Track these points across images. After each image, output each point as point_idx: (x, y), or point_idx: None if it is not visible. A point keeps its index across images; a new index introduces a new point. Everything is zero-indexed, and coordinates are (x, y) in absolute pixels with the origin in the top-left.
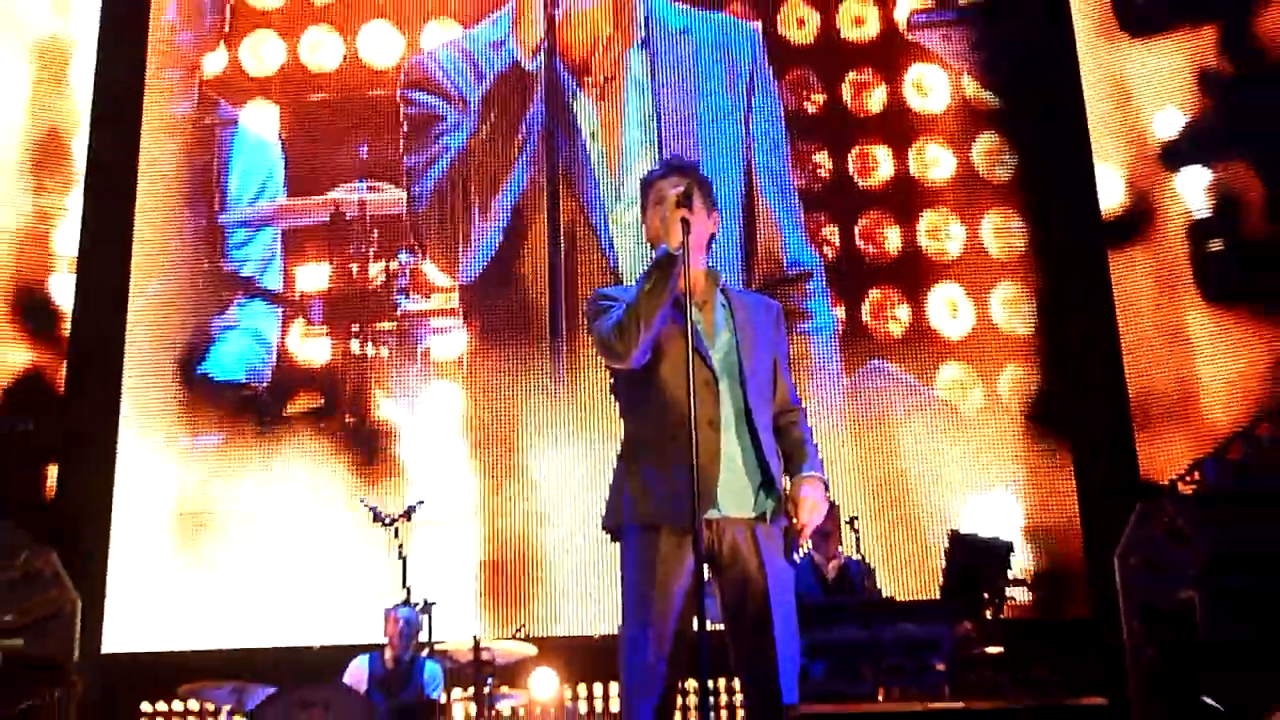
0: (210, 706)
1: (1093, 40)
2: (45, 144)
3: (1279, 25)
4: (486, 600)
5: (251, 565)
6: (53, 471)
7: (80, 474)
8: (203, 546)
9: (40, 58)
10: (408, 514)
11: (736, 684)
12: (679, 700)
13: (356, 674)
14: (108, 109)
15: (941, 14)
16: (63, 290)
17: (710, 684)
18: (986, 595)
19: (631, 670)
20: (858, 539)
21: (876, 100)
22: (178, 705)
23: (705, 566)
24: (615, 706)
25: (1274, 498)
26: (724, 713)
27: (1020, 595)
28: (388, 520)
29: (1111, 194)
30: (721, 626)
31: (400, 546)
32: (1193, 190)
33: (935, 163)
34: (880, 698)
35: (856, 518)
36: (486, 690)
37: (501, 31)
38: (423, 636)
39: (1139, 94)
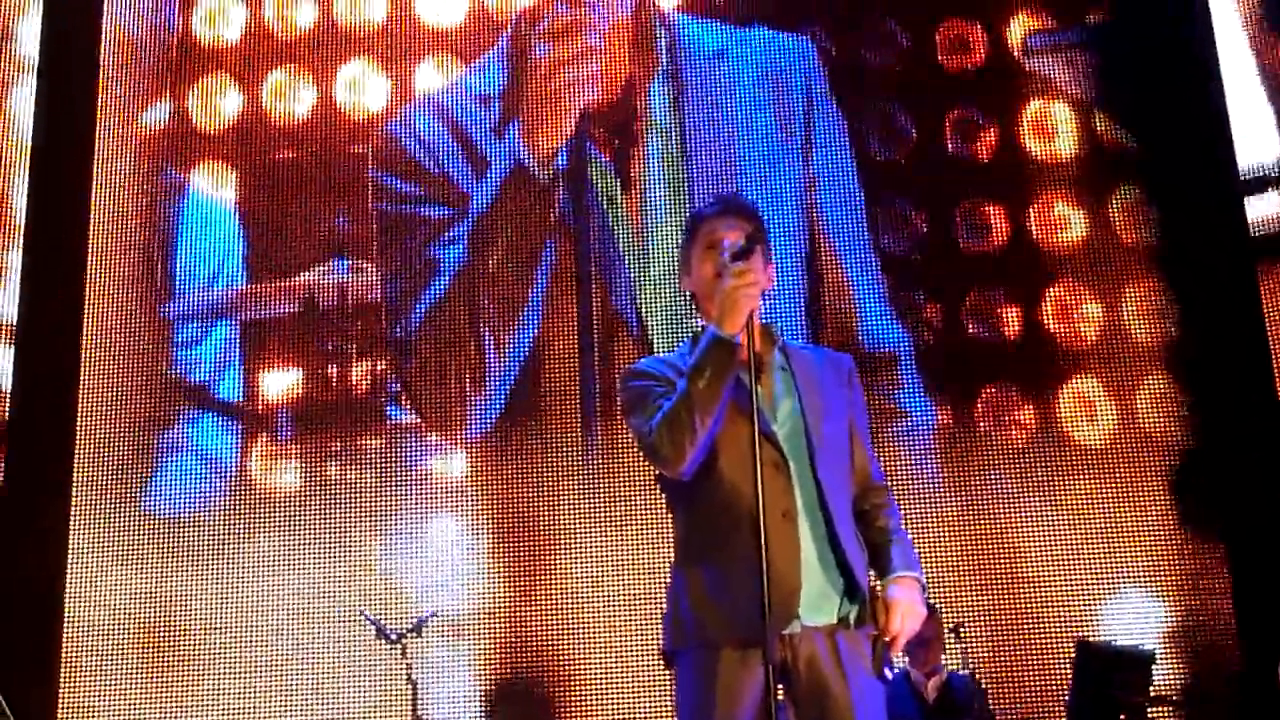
0: None
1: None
2: None
3: None
4: None
5: (231, 697)
6: None
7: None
8: (171, 677)
9: None
10: (417, 629)
11: None
12: None
13: None
14: (49, 168)
15: (1066, 35)
16: None
17: None
18: (1124, 716)
19: None
20: (964, 650)
21: (986, 145)
22: None
23: (778, 686)
24: None
25: None
26: None
27: (1166, 715)
28: (394, 636)
29: None
30: None
31: (409, 668)
32: None
33: (1063, 223)
34: None
35: (962, 624)
36: None
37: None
38: None
39: None
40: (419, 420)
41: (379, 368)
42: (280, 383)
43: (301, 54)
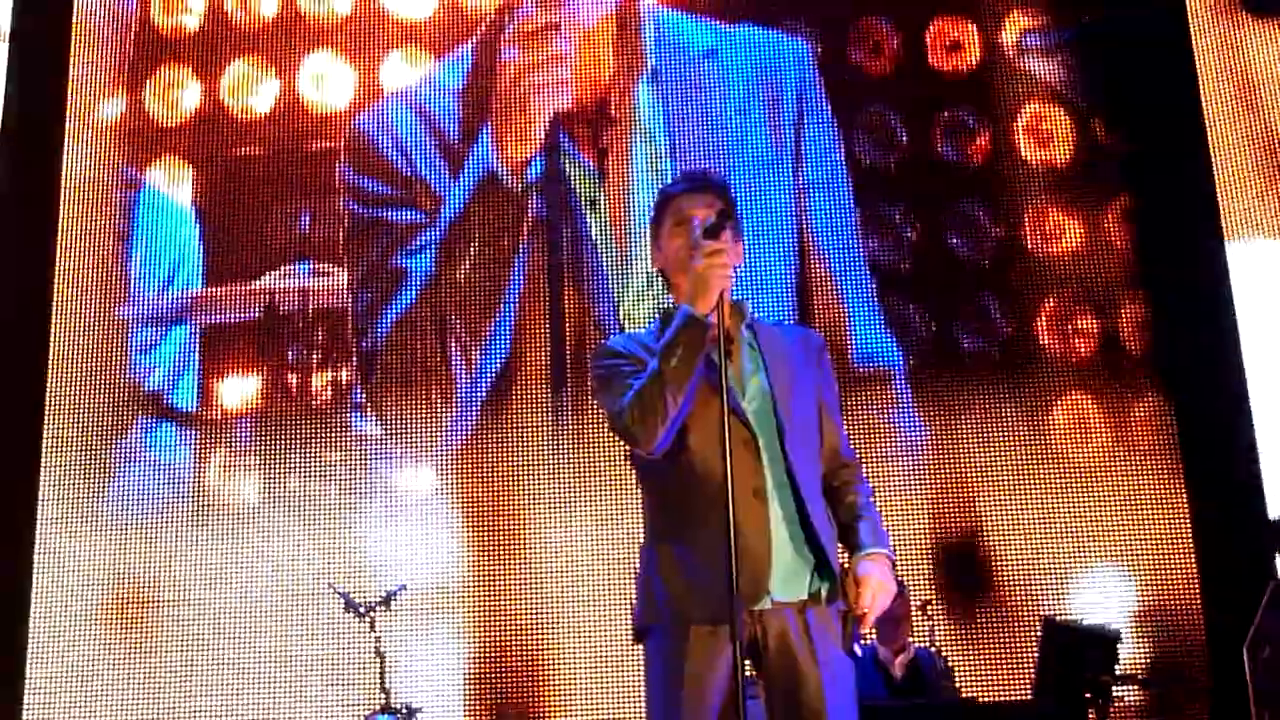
0: None
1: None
2: None
3: None
4: (480, 703)
5: (201, 667)
6: None
7: None
8: (141, 648)
9: None
10: (386, 602)
11: None
12: None
13: None
14: (17, 149)
15: (1062, 34)
16: None
17: None
18: (1089, 694)
19: None
20: (931, 628)
21: (979, 150)
22: None
23: (746, 661)
24: None
25: None
26: None
27: (1131, 694)
28: (362, 609)
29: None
30: None
31: (377, 640)
32: None
33: (1058, 234)
34: None
35: (930, 601)
36: None
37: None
38: None
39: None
40: (384, 430)
41: (343, 376)
42: (238, 391)
43: (264, 45)
